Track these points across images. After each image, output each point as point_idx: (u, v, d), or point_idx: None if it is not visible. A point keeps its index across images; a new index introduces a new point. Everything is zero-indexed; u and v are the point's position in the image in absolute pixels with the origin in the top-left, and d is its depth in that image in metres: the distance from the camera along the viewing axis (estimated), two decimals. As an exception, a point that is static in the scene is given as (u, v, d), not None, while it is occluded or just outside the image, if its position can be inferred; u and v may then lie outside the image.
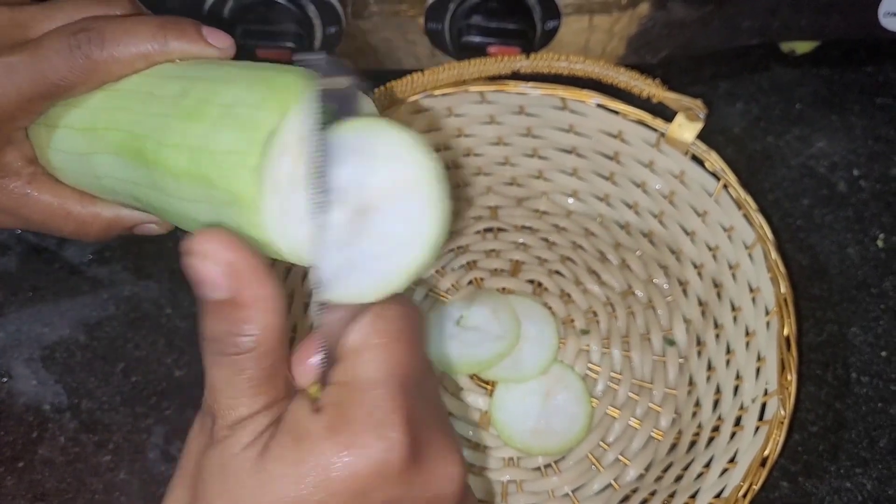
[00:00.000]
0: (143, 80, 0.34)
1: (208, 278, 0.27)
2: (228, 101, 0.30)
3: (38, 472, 0.50)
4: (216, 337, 0.28)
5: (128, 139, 0.33)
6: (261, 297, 0.27)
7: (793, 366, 0.44)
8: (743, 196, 0.49)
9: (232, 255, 0.27)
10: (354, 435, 0.27)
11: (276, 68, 0.31)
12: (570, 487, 0.50)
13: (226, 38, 0.35)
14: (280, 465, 0.27)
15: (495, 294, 0.55)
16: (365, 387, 0.28)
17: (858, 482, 0.50)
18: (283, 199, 0.29)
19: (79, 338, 0.54)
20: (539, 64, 0.51)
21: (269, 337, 0.28)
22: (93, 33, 0.34)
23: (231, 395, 0.28)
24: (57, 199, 0.39)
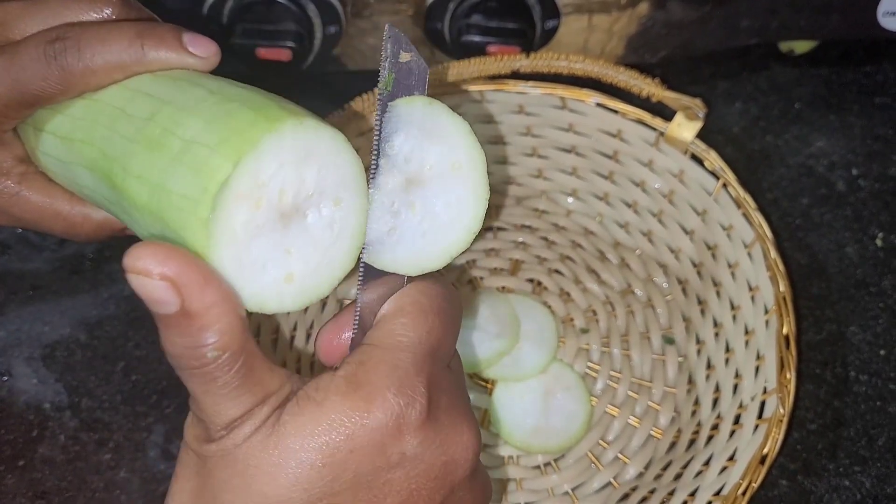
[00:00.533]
0: (119, 94, 0.33)
1: (152, 295, 0.26)
2: (189, 136, 0.29)
3: (39, 471, 0.50)
4: (177, 353, 0.27)
5: (99, 158, 0.32)
6: (210, 302, 0.26)
7: (792, 364, 0.44)
8: (742, 195, 0.49)
9: (169, 269, 0.26)
10: (375, 389, 0.28)
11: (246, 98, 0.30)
12: (569, 486, 0.50)
13: (209, 46, 0.34)
14: (296, 436, 0.27)
15: (494, 293, 0.55)
16: (392, 348, 0.29)
17: (857, 480, 0.50)
18: (239, 250, 0.28)
19: (79, 337, 0.54)
20: (538, 63, 0.51)
21: (230, 340, 0.27)
22: (68, 42, 0.33)
23: (212, 402, 0.28)
24: (47, 199, 0.38)
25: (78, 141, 0.34)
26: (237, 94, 0.30)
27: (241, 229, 0.28)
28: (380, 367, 0.28)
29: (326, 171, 0.29)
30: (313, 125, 0.29)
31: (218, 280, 0.27)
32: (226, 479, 0.28)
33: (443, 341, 0.30)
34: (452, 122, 0.31)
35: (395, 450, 0.28)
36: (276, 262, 0.29)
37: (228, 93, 0.30)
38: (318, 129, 0.29)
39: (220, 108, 0.29)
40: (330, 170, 0.29)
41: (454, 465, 0.30)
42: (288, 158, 0.28)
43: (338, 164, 0.29)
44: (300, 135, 0.28)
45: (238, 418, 0.28)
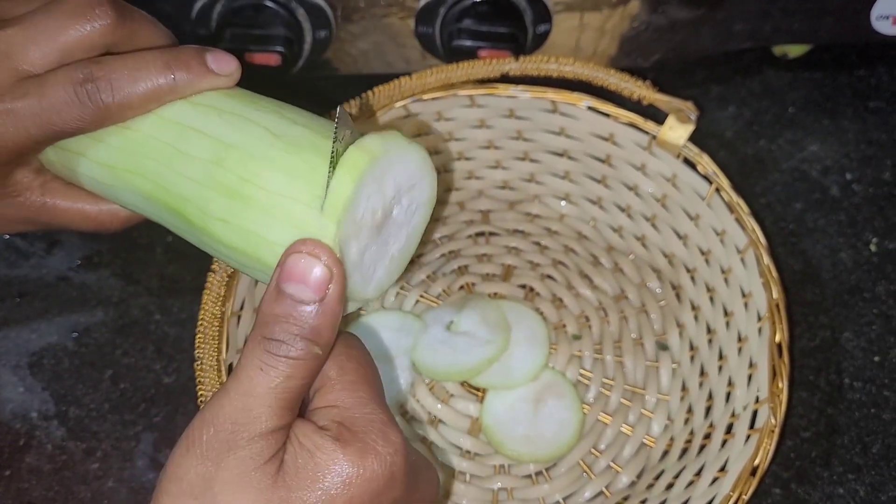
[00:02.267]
0: (161, 126, 0.35)
1: (307, 278, 0.28)
2: (274, 189, 0.31)
3: (25, 481, 0.49)
4: (283, 338, 0.28)
5: (159, 192, 0.34)
6: (339, 313, 0.29)
7: (784, 373, 0.44)
8: (735, 200, 0.49)
9: (337, 268, 0.29)
10: (365, 444, 0.29)
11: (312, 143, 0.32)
12: (561, 495, 0.49)
13: (230, 63, 0.35)
14: (299, 479, 0.28)
15: (485, 298, 0.55)
16: (358, 404, 0.31)
17: (851, 488, 0.50)
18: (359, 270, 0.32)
19: (66, 344, 0.54)
20: (528, 66, 0.51)
21: (327, 354, 0.30)
22: (101, 83, 0.34)
23: (266, 403, 0.29)
24: (73, 203, 0.39)
25: (123, 170, 0.35)
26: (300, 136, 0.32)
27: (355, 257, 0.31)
28: (360, 424, 0.30)
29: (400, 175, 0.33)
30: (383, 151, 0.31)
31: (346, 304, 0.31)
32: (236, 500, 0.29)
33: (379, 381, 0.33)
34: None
35: (388, 497, 0.30)
36: (382, 258, 0.33)
37: (292, 136, 0.32)
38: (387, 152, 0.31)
39: (295, 158, 0.31)
40: (402, 172, 0.33)
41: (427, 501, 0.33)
42: (373, 189, 0.31)
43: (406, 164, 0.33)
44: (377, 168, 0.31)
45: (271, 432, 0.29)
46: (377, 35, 0.55)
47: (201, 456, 0.28)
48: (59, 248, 0.57)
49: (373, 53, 0.57)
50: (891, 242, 0.58)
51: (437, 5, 0.53)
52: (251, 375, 0.29)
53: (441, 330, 0.53)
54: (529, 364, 0.52)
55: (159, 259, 0.57)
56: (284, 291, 0.29)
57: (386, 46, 0.56)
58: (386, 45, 0.56)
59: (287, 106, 0.34)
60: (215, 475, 0.28)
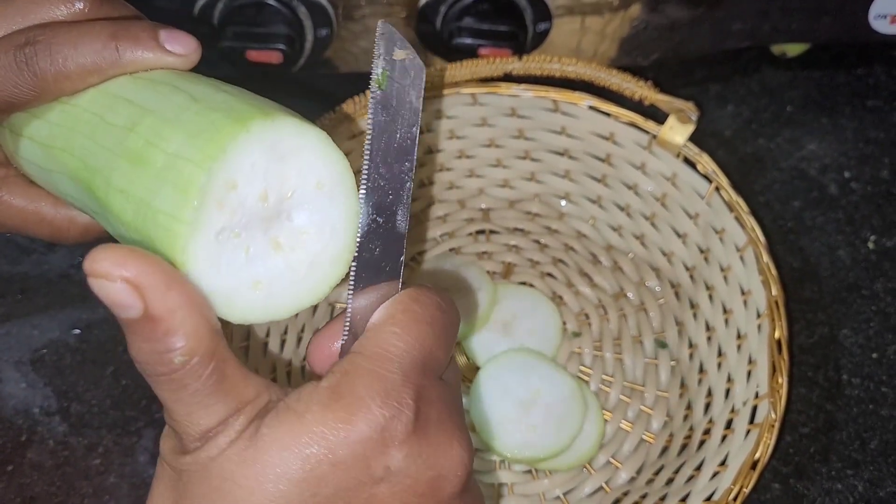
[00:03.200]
0: (96, 99, 0.32)
1: (113, 299, 0.25)
2: (172, 150, 0.27)
3: (27, 476, 0.50)
4: (144, 359, 0.26)
5: (80, 168, 0.31)
6: (174, 304, 0.25)
7: (784, 369, 0.44)
8: (734, 198, 0.49)
9: (129, 271, 0.25)
10: (358, 399, 0.27)
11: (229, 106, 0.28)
12: (561, 490, 0.50)
13: (188, 43, 0.32)
14: (275, 449, 0.26)
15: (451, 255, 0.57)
16: (379, 358, 0.28)
17: (850, 484, 0.50)
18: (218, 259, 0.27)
19: (68, 340, 0.54)
20: (531, 66, 0.51)
21: (198, 344, 0.26)
22: (39, 46, 0.31)
23: (184, 411, 0.27)
24: (31, 203, 0.37)
25: (58, 149, 0.32)
26: (222, 100, 0.29)
27: (219, 237, 0.27)
28: (364, 378, 0.27)
29: (308, 170, 0.28)
30: (286, 122, 0.27)
31: (182, 282, 0.26)
32: (203, 495, 0.27)
33: (435, 352, 0.29)
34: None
35: (380, 464, 0.27)
36: (260, 269, 0.28)
37: (213, 100, 0.29)
38: (292, 126, 0.28)
39: (203, 118, 0.28)
40: (312, 169, 0.28)
41: (442, 480, 0.29)
42: (260, 159, 0.27)
43: (319, 163, 0.28)
44: (271, 133, 0.27)
45: (212, 428, 0.27)
46: (378, 33, 0.55)
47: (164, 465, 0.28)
48: (61, 245, 0.57)
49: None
50: (889, 240, 0.59)
51: (438, 3, 0.53)
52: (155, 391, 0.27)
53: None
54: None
55: (161, 256, 0.57)
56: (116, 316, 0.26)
57: (387, 45, 0.56)
58: (387, 44, 0.56)
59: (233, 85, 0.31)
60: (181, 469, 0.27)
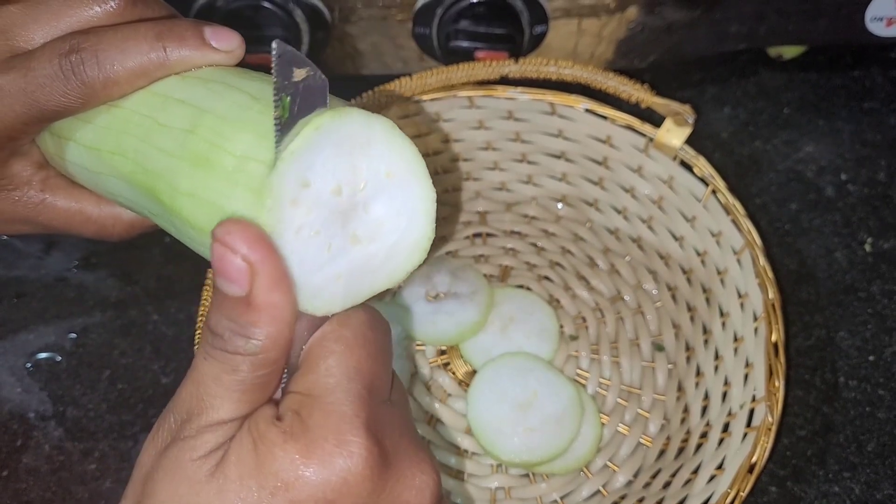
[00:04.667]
0: (147, 100, 0.32)
1: (228, 271, 0.26)
2: (241, 152, 0.27)
3: (23, 481, 0.49)
4: (219, 332, 0.27)
5: (138, 172, 0.31)
6: (274, 303, 0.26)
7: (780, 372, 0.44)
8: (731, 201, 0.49)
9: (255, 255, 0.25)
10: (313, 442, 0.26)
11: None
12: (558, 494, 0.50)
13: (232, 38, 0.32)
14: (237, 469, 0.26)
15: (444, 258, 0.57)
16: (323, 392, 0.27)
17: (846, 486, 0.50)
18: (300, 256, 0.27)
19: (64, 345, 0.54)
20: (528, 69, 0.51)
21: (271, 346, 0.26)
22: (86, 54, 0.31)
23: (216, 393, 0.27)
24: (74, 202, 0.37)
25: (107, 152, 0.32)
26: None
27: (298, 235, 0.27)
28: (315, 418, 0.26)
29: (378, 159, 0.28)
30: (353, 115, 0.27)
31: (290, 285, 0.26)
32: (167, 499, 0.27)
33: (375, 374, 0.28)
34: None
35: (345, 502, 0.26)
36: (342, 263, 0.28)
37: (266, 93, 0.28)
38: (360, 119, 0.27)
39: (268, 118, 0.27)
40: (382, 158, 0.28)
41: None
42: (330, 154, 0.27)
43: (389, 151, 0.28)
44: (338, 128, 0.27)
45: (219, 423, 0.27)
46: (374, 36, 0.55)
47: (154, 441, 0.28)
48: (57, 248, 0.57)
49: (370, 54, 0.57)
50: (885, 242, 0.59)
51: (435, 6, 0.53)
52: (199, 365, 0.27)
53: (424, 304, 0.54)
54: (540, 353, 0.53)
55: (157, 260, 0.57)
56: (216, 282, 0.26)
57: (383, 47, 0.56)
58: (383, 46, 0.56)
59: None
60: (157, 463, 0.27)
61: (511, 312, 0.54)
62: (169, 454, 0.27)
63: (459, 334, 0.53)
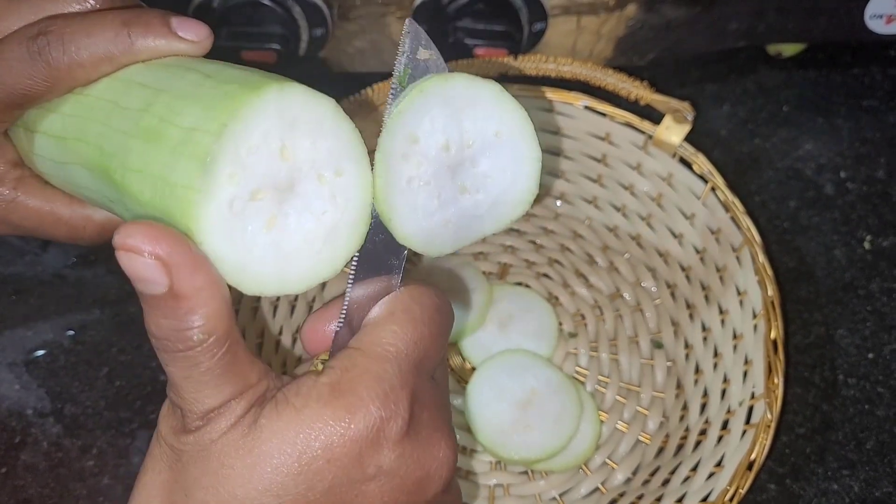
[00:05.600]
0: (110, 87, 0.32)
1: (141, 274, 0.26)
2: (188, 124, 0.27)
3: (21, 478, 0.49)
4: (162, 334, 0.27)
5: (96, 155, 0.31)
6: (200, 285, 0.26)
7: (779, 369, 0.44)
8: (730, 199, 0.49)
9: (161, 248, 0.25)
10: (358, 399, 0.27)
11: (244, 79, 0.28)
12: (557, 491, 0.50)
13: (200, 29, 0.32)
14: (273, 441, 0.27)
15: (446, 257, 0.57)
16: (379, 358, 0.28)
17: (846, 484, 0.50)
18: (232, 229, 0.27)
19: (62, 342, 0.54)
20: (527, 66, 0.51)
21: (217, 325, 0.27)
22: (52, 36, 0.31)
23: (192, 389, 0.27)
24: (46, 203, 0.37)
25: (72, 139, 0.32)
26: (236, 75, 0.29)
27: (232, 207, 0.27)
28: (364, 377, 0.28)
29: (321, 140, 0.28)
30: (297, 90, 0.28)
31: (208, 263, 0.27)
32: (198, 477, 0.27)
33: (430, 352, 0.30)
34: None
35: (373, 462, 0.28)
36: (274, 241, 0.28)
37: (226, 75, 0.29)
38: (303, 94, 0.28)
39: (218, 90, 0.28)
40: (324, 139, 0.28)
41: (429, 480, 0.29)
42: (272, 125, 0.27)
43: (331, 132, 0.29)
44: (283, 100, 0.27)
45: (216, 408, 0.27)
46: (373, 33, 0.55)
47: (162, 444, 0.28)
48: (55, 245, 0.57)
49: (369, 52, 0.57)
50: (884, 240, 0.59)
51: (434, 3, 0.53)
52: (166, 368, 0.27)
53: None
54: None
55: (155, 257, 0.57)
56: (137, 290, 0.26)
57: (382, 45, 0.56)
58: (382, 44, 0.56)
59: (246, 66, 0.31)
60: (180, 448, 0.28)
61: (510, 310, 0.54)
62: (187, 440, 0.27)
63: (458, 332, 0.53)
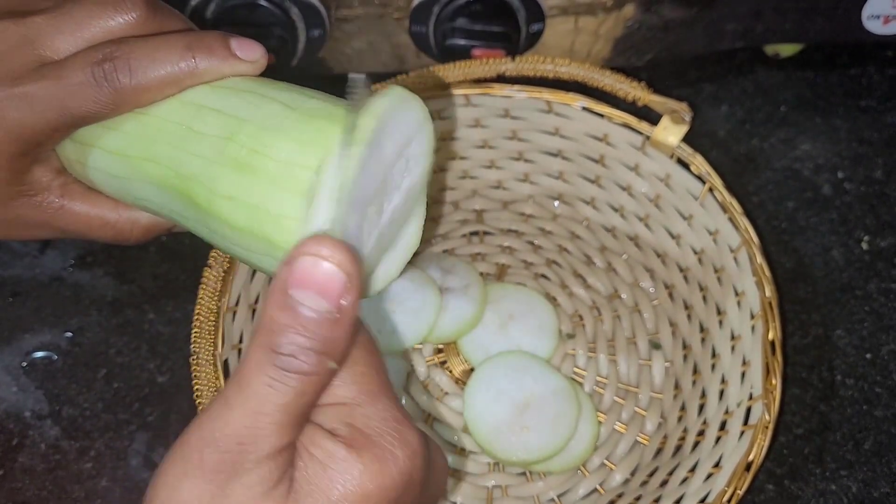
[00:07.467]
0: (178, 109, 0.33)
1: (330, 287, 0.25)
2: (284, 158, 0.29)
3: (19, 481, 0.49)
4: (293, 353, 0.25)
5: (170, 176, 0.32)
6: (355, 321, 0.26)
7: (777, 370, 0.44)
8: (728, 199, 0.49)
9: (355, 273, 0.25)
10: (382, 449, 0.27)
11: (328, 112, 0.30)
12: (555, 492, 0.50)
13: (256, 49, 0.34)
14: (312, 497, 0.26)
15: (438, 255, 0.57)
16: (370, 399, 0.28)
17: (843, 484, 0.50)
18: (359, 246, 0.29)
19: (60, 344, 0.54)
20: (524, 67, 0.51)
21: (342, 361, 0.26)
22: (118, 62, 0.33)
23: (279, 421, 0.26)
24: (92, 208, 0.38)
25: (136, 157, 0.34)
26: (316, 107, 0.31)
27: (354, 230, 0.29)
28: (372, 425, 0.27)
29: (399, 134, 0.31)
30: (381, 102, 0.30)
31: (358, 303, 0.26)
32: None
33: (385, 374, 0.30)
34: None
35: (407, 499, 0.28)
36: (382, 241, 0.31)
37: (307, 107, 0.31)
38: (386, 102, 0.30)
39: (307, 126, 0.30)
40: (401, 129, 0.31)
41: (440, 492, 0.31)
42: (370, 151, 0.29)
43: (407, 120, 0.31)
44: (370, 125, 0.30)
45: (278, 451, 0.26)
46: (371, 34, 0.55)
47: (202, 479, 0.25)
48: (53, 247, 0.57)
49: (367, 52, 0.57)
50: (882, 240, 0.59)
51: (431, 4, 0.53)
52: (259, 392, 0.25)
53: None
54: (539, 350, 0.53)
55: (153, 258, 0.57)
56: (294, 298, 0.25)
57: (380, 45, 0.56)
58: (380, 45, 0.56)
59: (308, 88, 0.33)
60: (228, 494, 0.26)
61: (510, 309, 0.54)
62: (234, 491, 0.25)
63: (457, 330, 0.53)
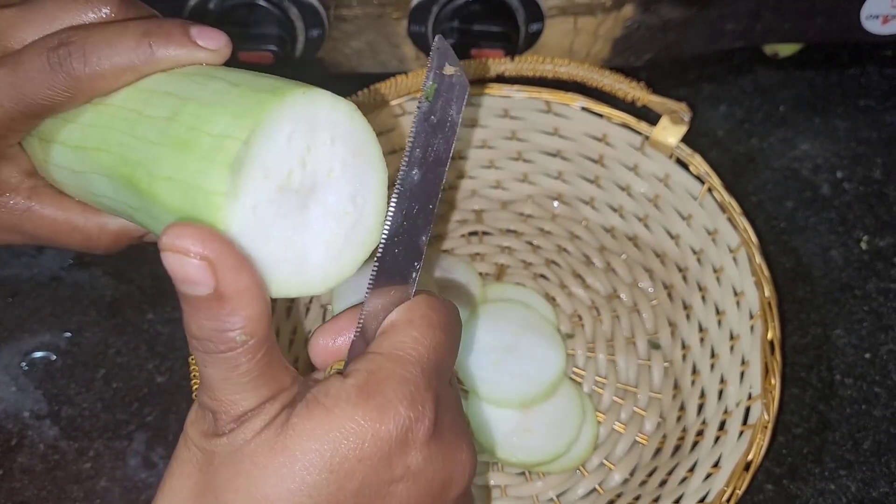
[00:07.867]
0: (132, 96, 0.32)
1: (187, 275, 0.26)
2: (218, 131, 0.28)
3: (18, 481, 0.49)
4: (204, 336, 0.27)
5: (119, 163, 0.31)
6: (243, 287, 0.27)
7: (776, 370, 0.44)
8: (727, 199, 0.49)
9: (208, 249, 0.26)
10: (387, 401, 0.28)
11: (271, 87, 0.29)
12: (554, 492, 0.50)
13: (218, 38, 0.33)
14: (305, 440, 0.27)
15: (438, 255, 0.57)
16: (402, 361, 0.29)
17: (843, 484, 0.50)
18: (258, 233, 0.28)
19: (59, 344, 0.54)
20: (523, 67, 0.51)
21: (258, 327, 0.27)
22: (73, 47, 0.32)
23: (230, 391, 0.28)
24: (61, 212, 0.37)
25: (92, 149, 0.33)
26: (263, 83, 0.29)
27: (260, 210, 0.28)
28: (391, 379, 0.28)
29: (342, 142, 0.29)
30: (320, 94, 0.29)
31: (250, 265, 0.27)
32: (229, 478, 0.27)
33: (447, 358, 0.31)
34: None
35: (401, 463, 0.28)
36: (298, 244, 0.29)
37: (253, 83, 0.30)
38: (326, 99, 0.29)
39: (246, 98, 0.29)
40: (345, 141, 0.29)
41: (452, 483, 0.30)
42: (298, 130, 0.28)
43: (350, 135, 0.30)
44: (306, 105, 0.28)
45: (251, 410, 0.28)
46: (370, 34, 0.55)
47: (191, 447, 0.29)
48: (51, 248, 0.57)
49: (366, 52, 0.57)
50: (881, 240, 0.59)
51: (430, 4, 0.53)
52: (202, 371, 0.28)
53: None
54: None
55: (151, 258, 0.56)
56: (179, 289, 0.27)
57: (379, 45, 0.56)
58: (379, 45, 0.56)
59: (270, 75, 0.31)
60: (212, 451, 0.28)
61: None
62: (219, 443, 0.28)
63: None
